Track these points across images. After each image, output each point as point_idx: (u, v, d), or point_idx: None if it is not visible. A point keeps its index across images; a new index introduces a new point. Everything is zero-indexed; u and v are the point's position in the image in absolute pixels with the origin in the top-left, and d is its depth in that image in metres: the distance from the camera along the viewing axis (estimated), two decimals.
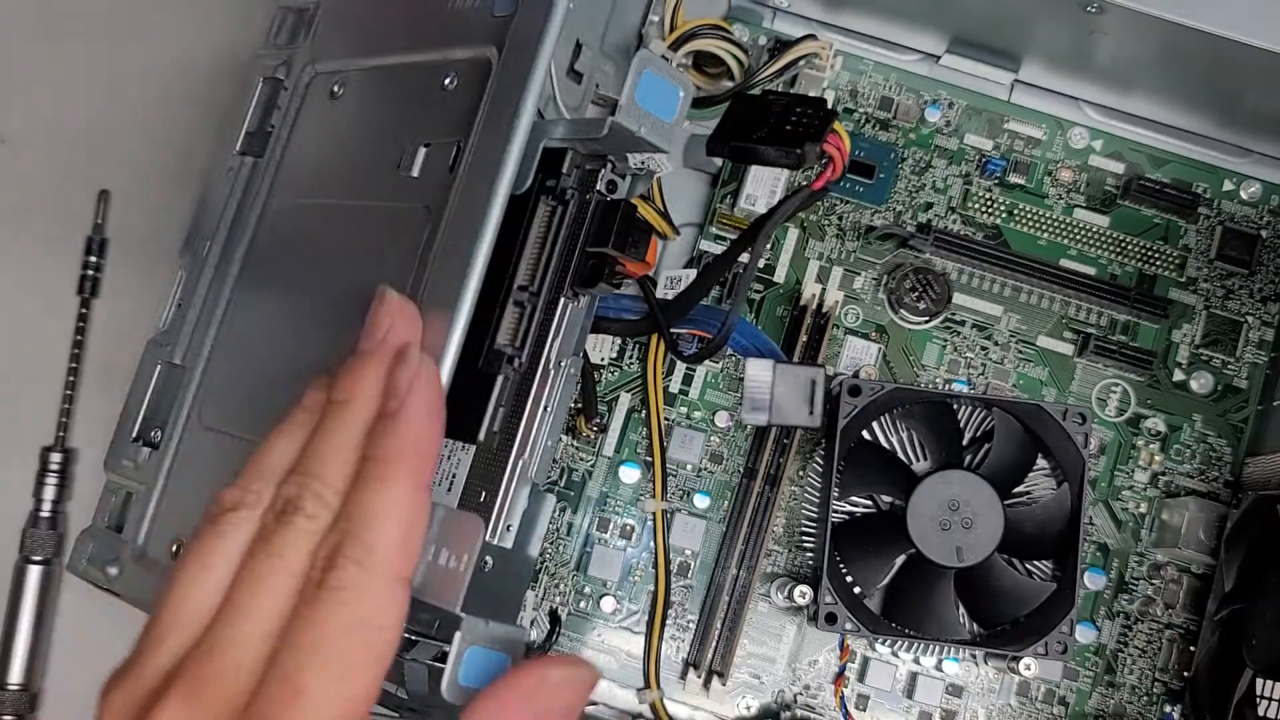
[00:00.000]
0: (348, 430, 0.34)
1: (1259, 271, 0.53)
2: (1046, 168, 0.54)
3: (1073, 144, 0.54)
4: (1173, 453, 0.52)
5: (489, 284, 0.38)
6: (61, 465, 0.58)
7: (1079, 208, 0.54)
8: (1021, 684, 0.51)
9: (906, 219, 0.54)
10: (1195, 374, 0.53)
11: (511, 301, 0.41)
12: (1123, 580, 0.52)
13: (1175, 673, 0.51)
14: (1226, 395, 0.53)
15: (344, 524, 0.32)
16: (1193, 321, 0.53)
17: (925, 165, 0.54)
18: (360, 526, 0.32)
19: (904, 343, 0.53)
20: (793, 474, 0.52)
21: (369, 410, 0.34)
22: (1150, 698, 0.51)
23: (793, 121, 0.43)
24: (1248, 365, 0.53)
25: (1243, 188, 0.54)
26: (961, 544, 0.48)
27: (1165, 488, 0.52)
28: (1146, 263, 0.54)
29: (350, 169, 0.45)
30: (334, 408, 0.34)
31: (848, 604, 0.48)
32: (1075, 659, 0.51)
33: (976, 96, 0.54)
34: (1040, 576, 0.50)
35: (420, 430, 0.34)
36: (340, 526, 0.32)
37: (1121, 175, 0.54)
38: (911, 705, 0.51)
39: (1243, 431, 0.52)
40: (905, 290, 0.53)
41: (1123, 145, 0.54)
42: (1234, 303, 0.53)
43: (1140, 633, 0.51)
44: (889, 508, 0.50)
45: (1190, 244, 0.53)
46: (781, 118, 0.43)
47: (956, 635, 0.49)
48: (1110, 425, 0.53)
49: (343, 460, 0.34)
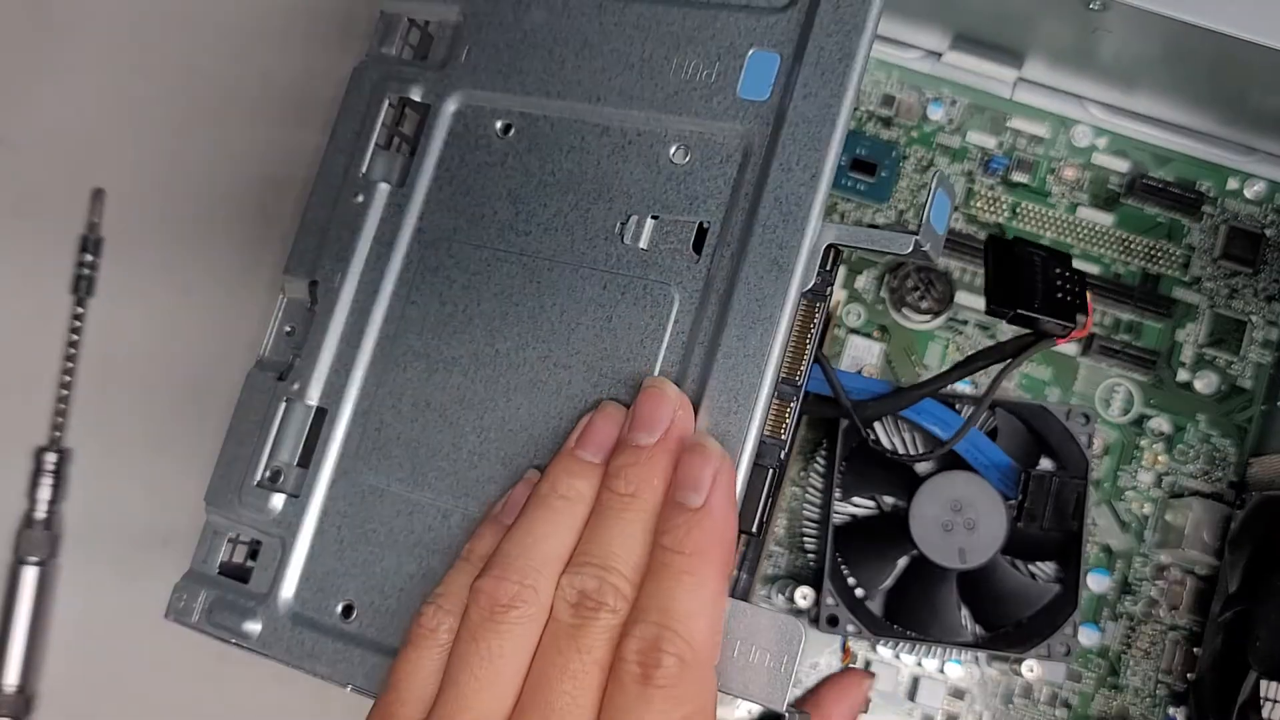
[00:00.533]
0: (638, 523, 0.35)
1: (1264, 270, 0.53)
2: (1050, 166, 0.54)
3: (1076, 142, 0.54)
4: (1176, 453, 0.52)
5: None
6: (57, 466, 0.57)
7: (1082, 206, 0.53)
8: (1024, 686, 0.51)
9: (909, 217, 0.53)
10: (1199, 374, 0.52)
11: (776, 394, 0.39)
12: (1126, 582, 0.51)
13: (1179, 675, 0.51)
14: (1231, 395, 0.52)
15: (658, 618, 0.33)
16: (1197, 321, 0.53)
17: (928, 163, 0.54)
18: (676, 621, 0.33)
19: (906, 342, 0.53)
20: (794, 475, 0.52)
21: (656, 502, 0.35)
22: (1154, 700, 0.51)
23: (1059, 288, 0.43)
24: (1252, 365, 0.52)
25: (1247, 186, 0.53)
26: (964, 545, 0.48)
27: (1169, 488, 0.52)
28: (1150, 262, 0.53)
29: (539, 223, 0.42)
30: (621, 500, 0.35)
31: (849, 606, 0.48)
32: (1078, 661, 0.51)
33: (979, 94, 0.54)
34: (1043, 578, 0.50)
35: (726, 524, 0.35)
36: (653, 620, 0.33)
37: (1125, 174, 0.54)
38: (914, 708, 0.51)
39: (1247, 432, 0.52)
40: (908, 289, 0.52)
41: (1127, 143, 0.54)
42: (1238, 302, 0.53)
43: (1144, 634, 0.51)
44: (891, 509, 0.50)
45: (1194, 243, 0.53)
46: (1047, 280, 0.44)
47: (959, 637, 0.49)
48: (1114, 425, 0.52)
49: (638, 554, 0.35)
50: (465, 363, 0.42)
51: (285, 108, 0.60)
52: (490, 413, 0.41)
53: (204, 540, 0.45)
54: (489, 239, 0.42)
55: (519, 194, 0.42)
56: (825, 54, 0.38)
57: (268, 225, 0.59)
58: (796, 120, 0.38)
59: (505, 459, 0.40)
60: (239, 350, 0.59)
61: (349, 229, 0.45)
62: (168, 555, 0.57)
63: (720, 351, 0.37)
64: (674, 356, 0.38)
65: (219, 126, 0.60)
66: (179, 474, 0.58)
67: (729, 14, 0.40)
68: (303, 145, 0.59)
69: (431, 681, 0.35)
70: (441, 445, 0.41)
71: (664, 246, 0.40)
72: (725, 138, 0.40)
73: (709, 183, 0.40)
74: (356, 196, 0.45)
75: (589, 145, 0.42)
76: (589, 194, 0.41)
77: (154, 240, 0.60)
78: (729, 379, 0.37)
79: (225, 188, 0.60)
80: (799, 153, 0.38)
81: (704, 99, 0.40)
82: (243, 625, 0.42)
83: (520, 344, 0.41)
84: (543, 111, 0.43)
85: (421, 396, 0.42)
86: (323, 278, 0.45)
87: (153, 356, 0.59)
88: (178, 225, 0.60)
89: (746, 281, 0.38)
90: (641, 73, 0.41)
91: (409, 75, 0.46)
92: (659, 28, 0.41)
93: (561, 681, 0.33)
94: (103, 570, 0.57)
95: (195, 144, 0.60)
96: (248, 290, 0.59)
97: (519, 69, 0.43)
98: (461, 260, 0.43)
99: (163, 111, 0.61)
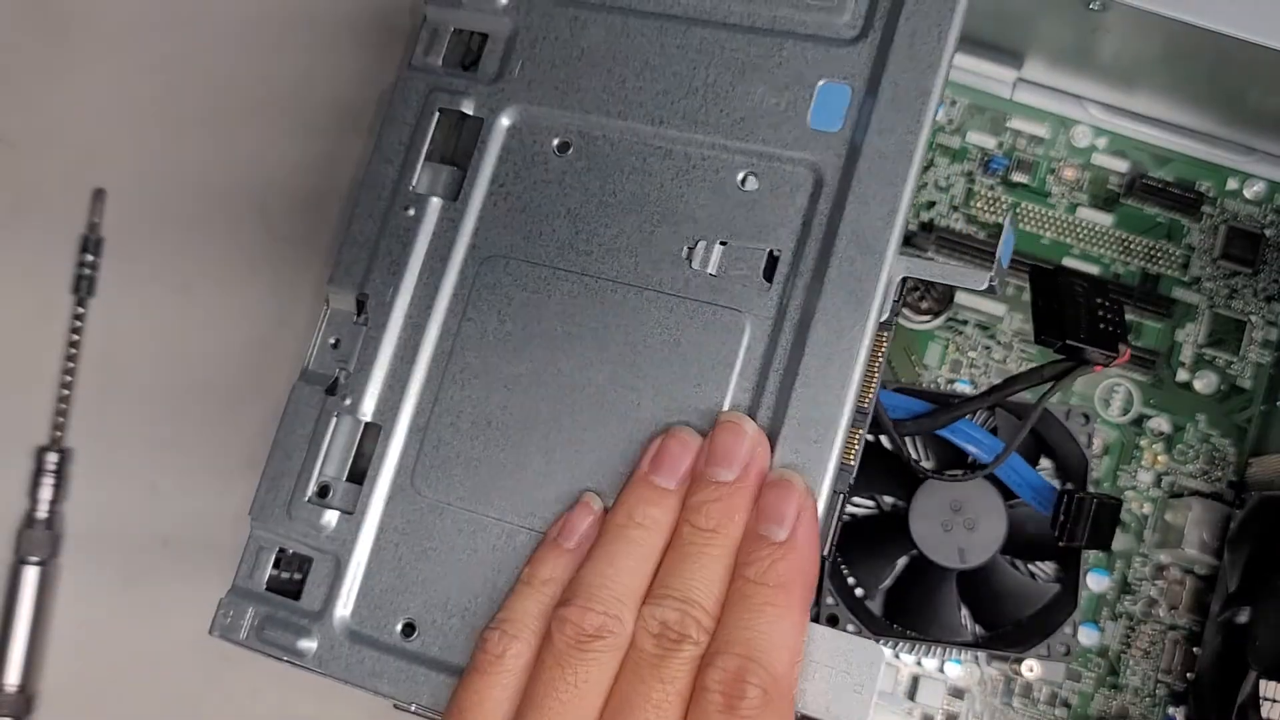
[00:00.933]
0: (720, 559, 0.36)
1: (1263, 270, 0.53)
2: (1049, 166, 0.54)
3: (1076, 142, 0.54)
4: (1176, 453, 0.52)
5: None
6: (58, 465, 0.58)
7: (1082, 206, 0.54)
8: (1024, 686, 0.51)
9: (909, 218, 0.53)
10: (1199, 374, 0.52)
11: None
12: (1126, 581, 0.51)
13: (1179, 674, 0.51)
14: (1231, 395, 0.52)
15: (741, 649, 0.34)
16: (1196, 321, 0.53)
17: (928, 164, 0.54)
18: (760, 653, 0.34)
19: (906, 342, 0.53)
20: None
21: (737, 536, 0.36)
22: (1154, 699, 0.51)
23: (1101, 317, 0.45)
24: (1252, 365, 0.52)
25: (1247, 186, 0.53)
26: (964, 545, 0.48)
27: (1169, 488, 0.52)
28: (1150, 262, 0.53)
29: (601, 243, 0.42)
30: (703, 535, 0.36)
31: (849, 606, 0.48)
32: (1078, 661, 0.51)
33: (979, 94, 0.54)
34: (1043, 578, 0.50)
35: (810, 558, 0.36)
36: (737, 652, 0.34)
37: (1125, 174, 0.54)
38: (914, 707, 0.51)
39: (1247, 432, 0.52)
40: (907, 290, 0.52)
41: (1126, 144, 0.54)
42: (1238, 302, 0.53)
43: (1143, 634, 0.51)
44: (891, 508, 0.50)
45: (1194, 243, 0.53)
46: (1090, 310, 0.45)
47: (959, 637, 0.49)
48: (1114, 425, 0.52)
49: (718, 587, 0.35)
50: (527, 381, 0.42)
51: (285, 109, 0.60)
52: (555, 433, 0.41)
53: (248, 555, 0.44)
54: (548, 257, 0.42)
55: (579, 213, 0.42)
56: (901, 90, 0.39)
57: (268, 225, 0.59)
58: (872, 155, 0.39)
59: (573, 479, 0.40)
60: (239, 350, 0.59)
61: (400, 243, 0.44)
62: (168, 555, 0.57)
63: (799, 381, 0.38)
64: (746, 383, 0.39)
65: (219, 127, 0.60)
66: (179, 474, 0.58)
67: (796, 43, 0.41)
68: (303, 146, 0.59)
69: (500, 708, 0.36)
70: (505, 464, 0.41)
71: (733, 273, 0.40)
72: (795, 166, 0.40)
73: (778, 210, 0.40)
74: (408, 210, 0.44)
75: (652, 167, 0.42)
76: (653, 216, 0.41)
77: (154, 240, 0.60)
78: (809, 409, 0.38)
79: (225, 188, 0.60)
80: (876, 188, 0.39)
81: (772, 127, 0.40)
82: (297, 643, 0.42)
83: (585, 364, 0.41)
84: (602, 131, 0.43)
85: (482, 414, 0.42)
86: (373, 291, 0.44)
87: (153, 356, 0.59)
88: (178, 225, 0.60)
89: (824, 313, 0.38)
90: (706, 97, 0.41)
91: (459, 87, 0.45)
92: (723, 53, 0.42)
93: (644, 710, 0.34)
94: (103, 570, 0.57)
95: (195, 144, 0.60)
96: (248, 290, 0.59)
97: (577, 87, 0.43)
98: (520, 278, 0.42)
99: (163, 112, 0.61)
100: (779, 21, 0.41)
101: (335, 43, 0.60)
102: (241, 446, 0.57)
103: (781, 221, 0.40)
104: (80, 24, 0.61)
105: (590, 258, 0.42)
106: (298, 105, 0.60)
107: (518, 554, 0.40)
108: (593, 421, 0.40)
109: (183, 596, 0.55)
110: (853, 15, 0.40)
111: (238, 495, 0.57)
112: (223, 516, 0.56)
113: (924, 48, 0.39)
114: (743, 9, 0.42)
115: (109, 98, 0.61)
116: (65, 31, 0.61)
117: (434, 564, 0.41)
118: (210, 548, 0.56)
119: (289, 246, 0.59)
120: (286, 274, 0.59)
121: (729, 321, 0.40)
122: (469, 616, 0.40)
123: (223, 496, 0.57)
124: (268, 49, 0.60)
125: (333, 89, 0.60)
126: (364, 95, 0.60)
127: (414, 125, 0.45)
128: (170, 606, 0.56)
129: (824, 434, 0.37)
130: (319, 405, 0.44)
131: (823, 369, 0.38)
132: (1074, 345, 0.44)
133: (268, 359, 0.58)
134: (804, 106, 0.40)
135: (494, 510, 0.41)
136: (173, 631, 0.56)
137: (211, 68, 0.61)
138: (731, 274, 0.40)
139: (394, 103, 0.46)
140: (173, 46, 0.61)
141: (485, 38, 0.45)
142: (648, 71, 0.42)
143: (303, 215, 0.59)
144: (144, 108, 0.61)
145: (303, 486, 0.43)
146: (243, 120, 0.60)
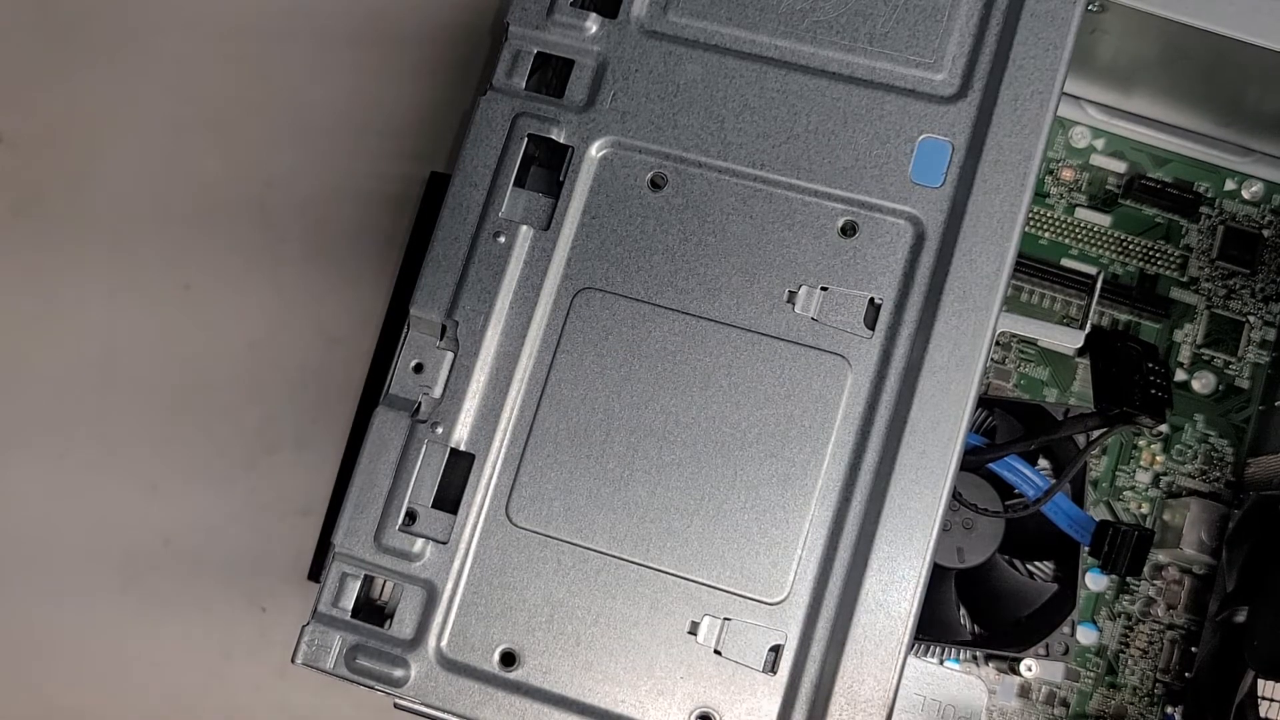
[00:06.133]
0: None
1: (1261, 271, 0.53)
2: (1048, 167, 0.54)
3: (1074, 143, 0.54)
4: (1174, 453, 0.52)
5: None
6: None
7: (1080, 207, 0.54)
8: (1023, 685, 0.51)
9: None
10: (1197, 374, 0.53)
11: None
12: (1124, 581, 0.52)
13: (1177, 674, 0.51)
14: (1228, 395, 0.52)
15: None
16: (1194, 321, 0.53)
17: None
18: None
19: None
20: None
21: None
22: (1152, 699, 0.51)
23: (1153, 383, 0.48)
24: (1249, 365, 0.53)
25: (1244, 187, 0.53)
26: (963, 545, 0.48)
27: (1167, 488, 0.52)
28: (1148, 262, 0.53)
29: (700, 282, 0.42)
30: None
31: None
32: (1076, 660, 0.51)
33: None
34: (1041, 577, 0.50)
35: None
36: None
37: (1123, 174, 0.54)
38: None
39: (1244, 432, 0.52)
40: None
41: (1124, 144, 0.54)
42: (1236, 302, 0.53)
43: (1142, 634, 0.51)
44: None
45: (1192, 243, 0.53)
46: (1143, 375, 0.48)
47: (957, 636, 0.49)
48: None
49: None
50: (626, 416, 0.42)
51: (286, 109, 0.60)
52: (659, 470, 0.41)
53: (331, 582, 0.44)
54: (646, 293, 0.43)
55: (678, 251, 0.43)
56: (1005, 152, 0.41)
57: (267, 225, 0.59)
58: (978, 213, 0.40)
59: (682, 513, 0.41)
60: (238, 349, 0.59)
61: (491, 270, 0.43)
62: (168, 554, 0.57)
63: (908, 429, 0.39)
64: (850, 426, 0.40)
65: (219, 127, 0.60)
66: (179, 474, 0.58)
67: (896, 98, 0.42)
68: (303, 146, 0.59)
69: None
70: (607, 498, 0.42)
71: (835, 319, 0.41)
72: (897, 218, 0.41)
73: (879, 259, 0.41)
74: (499, 237, 0.44)
75: (752, 210, 0.42)
76: (755, 259, 0.42)
77: (154, 240, 0.60)
78: (920, 459, 0.39)
79: (225, 187, 0.60)
80: (982, 246, 0.40)
81: (875, 178, 0.41)
82: (392, 672, 0.42)
83: (688, 403, 0.42)
84: (699, 169, 0.43)
85: (581, 448, 0.42)
86: (464, 318, 0.43)
87: (153, 356, 0.59)
88: (178, 225, 0.60)
89: (933, 363, 0.40)
90: (807, 143, 0.42)
91: (548, 114, 0.44)
92: (824, 100, 0.42)
93: None
94: (104, 570, 0.57)
95: (195, 144, 0.60)
96: (247, 289, 0.59)
97: (673, 123, 0.43)
98: (617, 312, 0.43)
99: (163, 112, 0.61)
100: (878, 74, 0.42)
101: (333, 44, 0.60)
102: (241, 446, 0.58)
103: (882, 270, 0.41)
104: (81, 24, 0.61)
105: (690, 296, 0.42)
106: (297, 106, 0.60)
107: (620, 586, 0.41)
108: (698, 459, 0.41)
109: (182, 596, 0.56)
110: (949, 74, 0.42)
111: (238, 495, 0.57)
112: (223, 516, 0.56)
113: (1028, 113, 0.41)
114: (842, 59, 0.43)
115: (110, 98, 0.61)
116: (65, 32, 0.61)
117: (534, 594, 0.41)
118: (210, 548, 0.57)
119: (289, 246, 0.59)
120: (286, 274, 0.59)
121: (832, 366, 0.41)
122: (572, 648, 0.41)
123: (223, 496, 0.57)
124: (268, 51, 0.61)
125: (335, 88, 0.60)
126: (364, 96, 0.60)
127: (500, 149, 0.44)
128: (170, 606, 0.57)
129: (933, 484, 0.39)
130: (406, 431, 0.43)
131: (934, 421, 0.39)
132: (1129, 411, 0.47)
133: (268, 359, 0.58)
134: (905, 160, 0.41)
135: (595, 543, 0.41)
136: (173, 630, 0.56)
137: (211, 69, 0.61)
138: (833, 320, 0.41)
139: (478, 123, 0.45)
140: (173, 48, 0.61)
141: (570, 64, 0.44)
142: (747, 113, 0.43)
143: (303, 215, 0.59)
144: (144, 108, 0.61)
145: (393, 514, 0.43)
146: (243, 121, 0.60)
